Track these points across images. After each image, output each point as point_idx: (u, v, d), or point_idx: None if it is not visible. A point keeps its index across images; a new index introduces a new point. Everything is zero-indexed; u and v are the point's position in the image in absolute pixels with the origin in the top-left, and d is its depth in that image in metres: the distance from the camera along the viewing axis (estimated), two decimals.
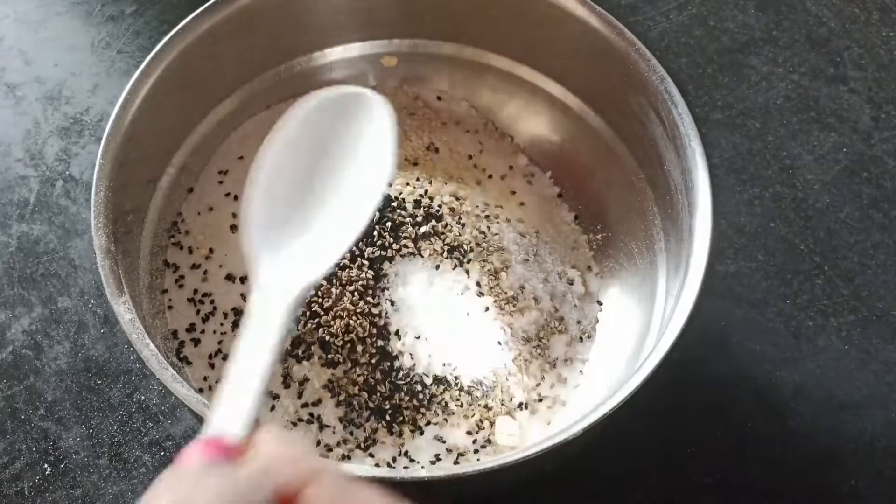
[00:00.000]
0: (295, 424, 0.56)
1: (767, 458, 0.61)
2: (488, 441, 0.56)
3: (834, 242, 0.69)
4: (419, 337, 0.57)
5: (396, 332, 0.57)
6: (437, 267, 0.59)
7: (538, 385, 0.58)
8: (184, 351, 0.59)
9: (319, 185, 0.36)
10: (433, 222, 0.61)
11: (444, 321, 0.58)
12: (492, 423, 0.56)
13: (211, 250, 0.62)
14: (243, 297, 0.60)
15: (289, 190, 0.35)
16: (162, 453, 0.60)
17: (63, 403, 0.62)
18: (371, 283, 0.58)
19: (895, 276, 0.67)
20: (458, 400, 0.56)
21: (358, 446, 0.56)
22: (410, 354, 0.57)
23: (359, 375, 0.56)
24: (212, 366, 0.58)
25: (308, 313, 0.58)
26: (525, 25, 0.63)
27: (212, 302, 0.60)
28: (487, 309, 0.59)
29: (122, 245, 0.54)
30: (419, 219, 0.61)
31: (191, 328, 0.59)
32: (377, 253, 0.59)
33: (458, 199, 0.63)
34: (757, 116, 0.74)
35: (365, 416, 0.56)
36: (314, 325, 0.57)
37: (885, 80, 0.76)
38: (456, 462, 0.55)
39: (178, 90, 0.59)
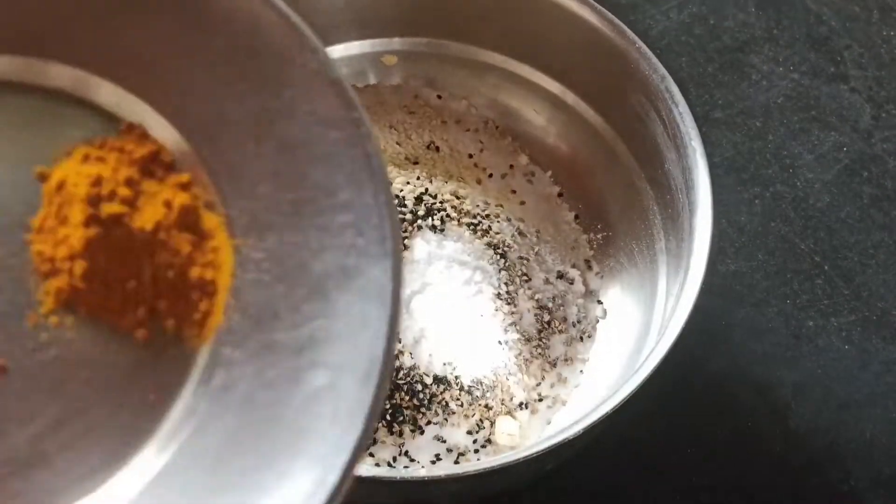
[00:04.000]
0: None
1: (767, 458, 0.61)
2: (488, 441, 0.56)
3: (834, 242, 0.69)
4: (419, 336, 0.57)
5: None
6: None
7: (538, 385, 0.58)
8: None
9: None
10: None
11: (444, 321, 0.58)
12: (492, 423, 0.56)
13: None
14: None
15: None
16: None
17: None
18: None
19: (895, 275, 0.67)
20: (458, 399, 0.56)
21: None
22: (411, 354, 0.57)
23: None
24: None
25: None
26: (525, 24, 0.63)
27: None
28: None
29: None
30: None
31: None
32: None
33: (458, 197, 0.63)
34: (757, 115, 0.74)
35: None
36: None
37: (885, 79, 0.76)
38: (456, 462, 0.55)
39: None
